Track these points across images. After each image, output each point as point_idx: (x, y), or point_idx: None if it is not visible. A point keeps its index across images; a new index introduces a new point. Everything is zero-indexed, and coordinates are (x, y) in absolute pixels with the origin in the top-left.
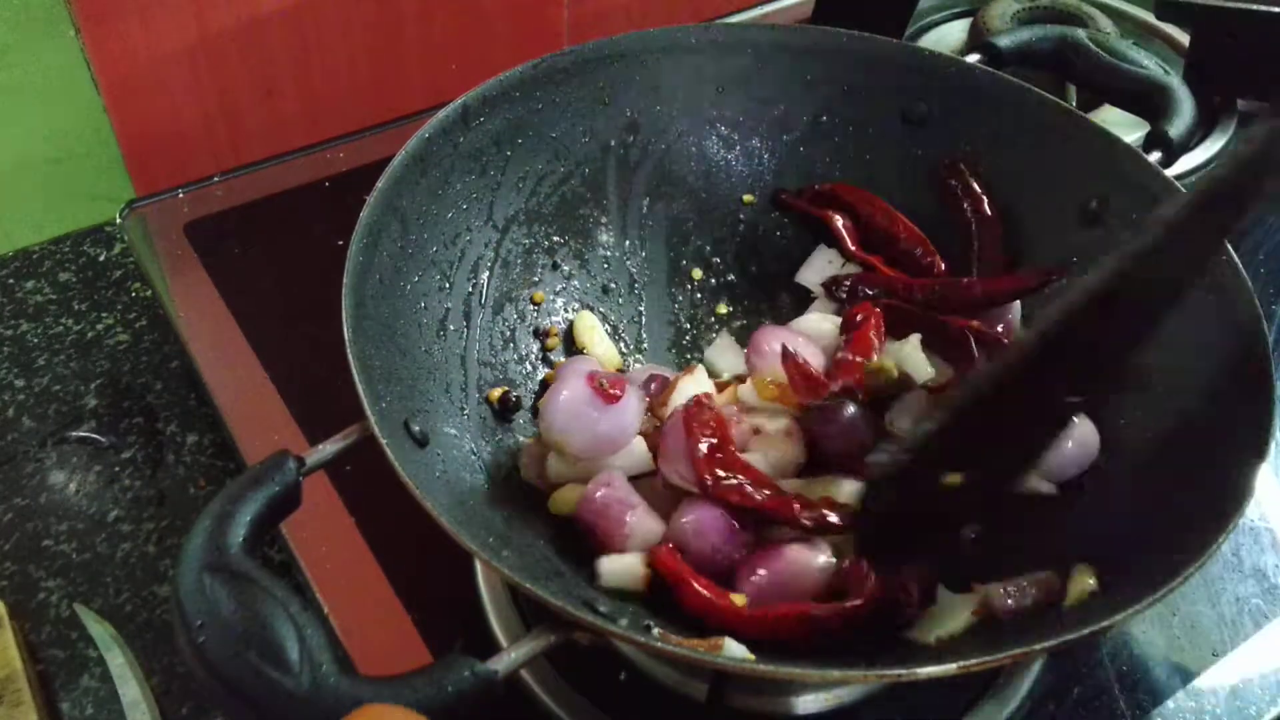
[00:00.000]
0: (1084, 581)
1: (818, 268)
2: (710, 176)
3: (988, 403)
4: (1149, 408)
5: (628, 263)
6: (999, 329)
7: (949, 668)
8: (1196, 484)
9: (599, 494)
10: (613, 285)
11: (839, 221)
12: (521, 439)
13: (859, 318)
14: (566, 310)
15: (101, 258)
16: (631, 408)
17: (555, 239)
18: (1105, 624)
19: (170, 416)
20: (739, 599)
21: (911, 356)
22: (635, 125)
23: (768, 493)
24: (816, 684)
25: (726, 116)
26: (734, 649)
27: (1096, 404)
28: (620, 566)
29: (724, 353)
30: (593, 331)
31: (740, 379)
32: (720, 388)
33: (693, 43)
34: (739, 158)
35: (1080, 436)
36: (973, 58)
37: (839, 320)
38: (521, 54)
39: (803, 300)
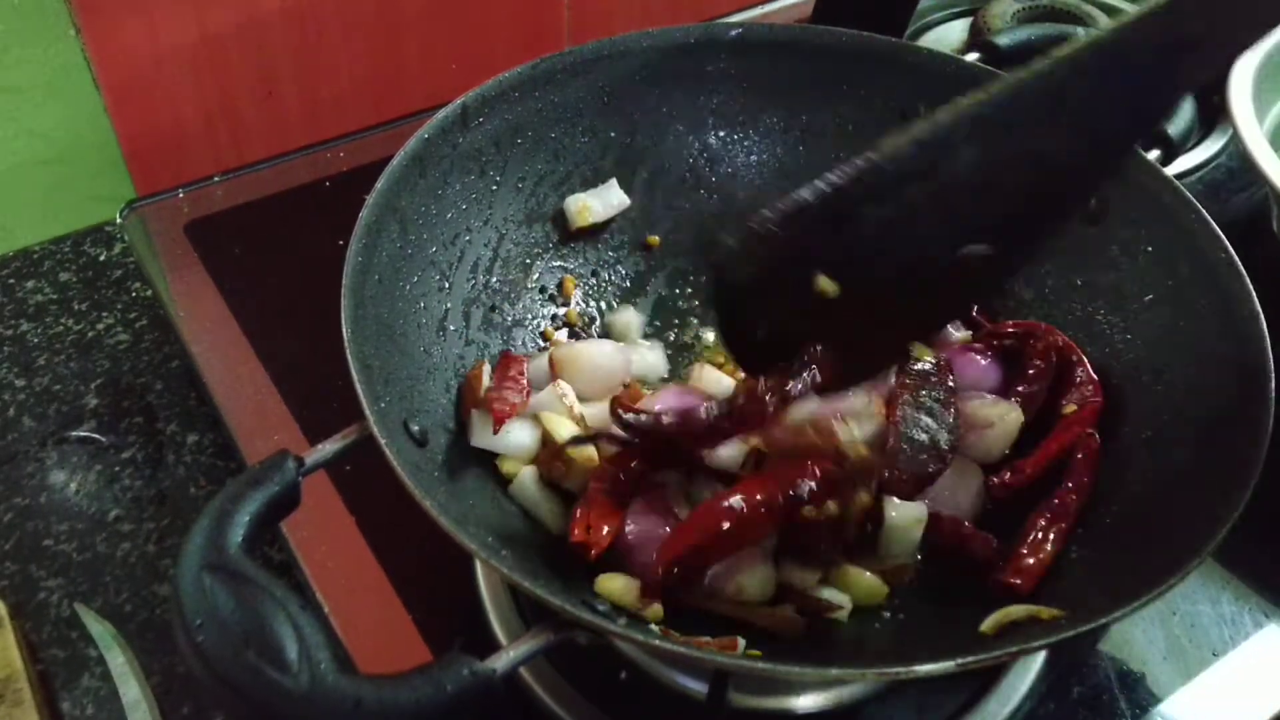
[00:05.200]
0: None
1: None
2: (710, 176)
3: (862, 201)
4: (1148, 407)
5: (625, 264)
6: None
7: (947, 665)
8: (1195, 482)
9: None
10: (612, 283)
11: None
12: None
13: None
14: (567, 308)
15: (102, 257)
16: None
17: (554, 239)
18: (1105, 621)
19: (170, 416)
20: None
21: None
22: (635, 125)
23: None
24: (816, 683)
25: (726, 116)
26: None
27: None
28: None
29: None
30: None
31: None
32: None
33: (692, 43)
34: (739, 157)
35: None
36: (973, 57)
37: None
38: (521, 54)
39: None
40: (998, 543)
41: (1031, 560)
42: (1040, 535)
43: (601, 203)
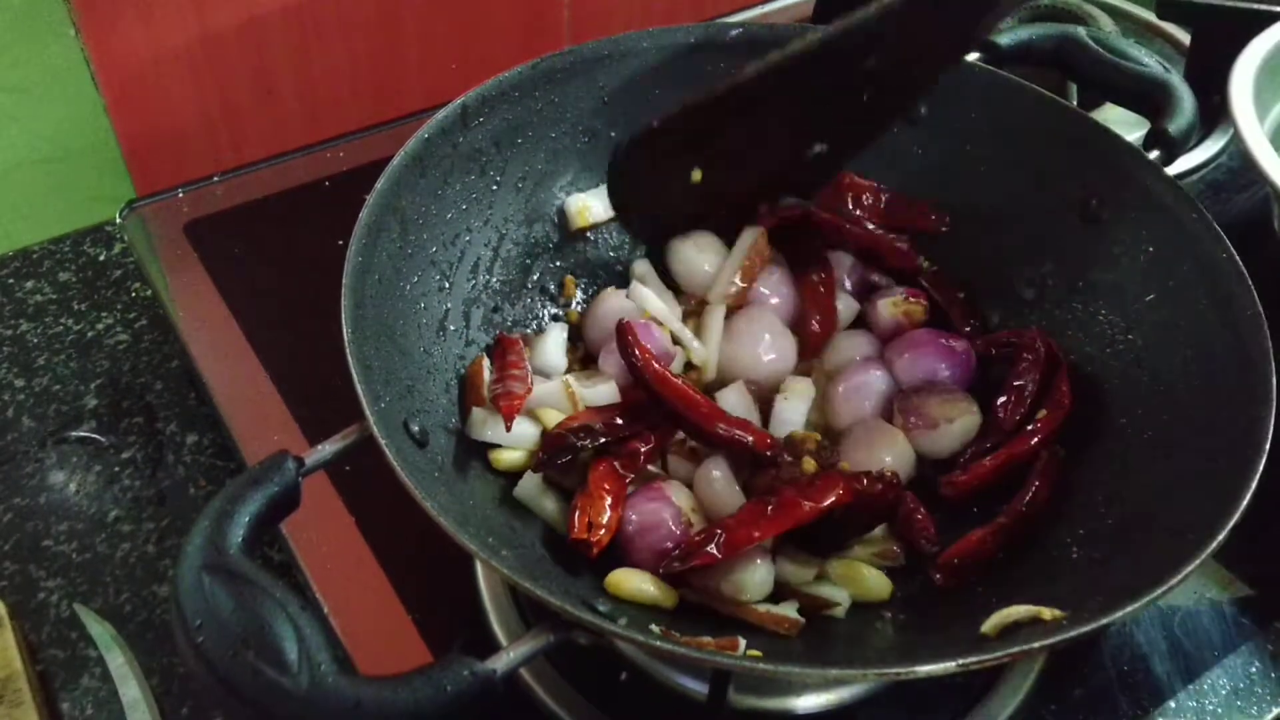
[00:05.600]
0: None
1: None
2: None
3: (729, 109)
4: (1148, 407)
5: (625, 263)
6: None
7: (948, 666)
8: (1195, 482)
9: None
10: (612, 283)
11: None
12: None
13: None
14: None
15: (101, 257)
16: None
17: (555, 239)
18: (1106, 622)
19: (170, 416)
20: None
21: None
22: (635, 125)
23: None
24: (817, 683)
25: None
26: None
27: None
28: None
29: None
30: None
31: None
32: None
33: (692, 42)
34: None
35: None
36: (973, 56)
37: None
38: (521, 54)
39: None
40: (935, 536)
41: (955, 549)
42: (976, 532)
43: (602, 203)
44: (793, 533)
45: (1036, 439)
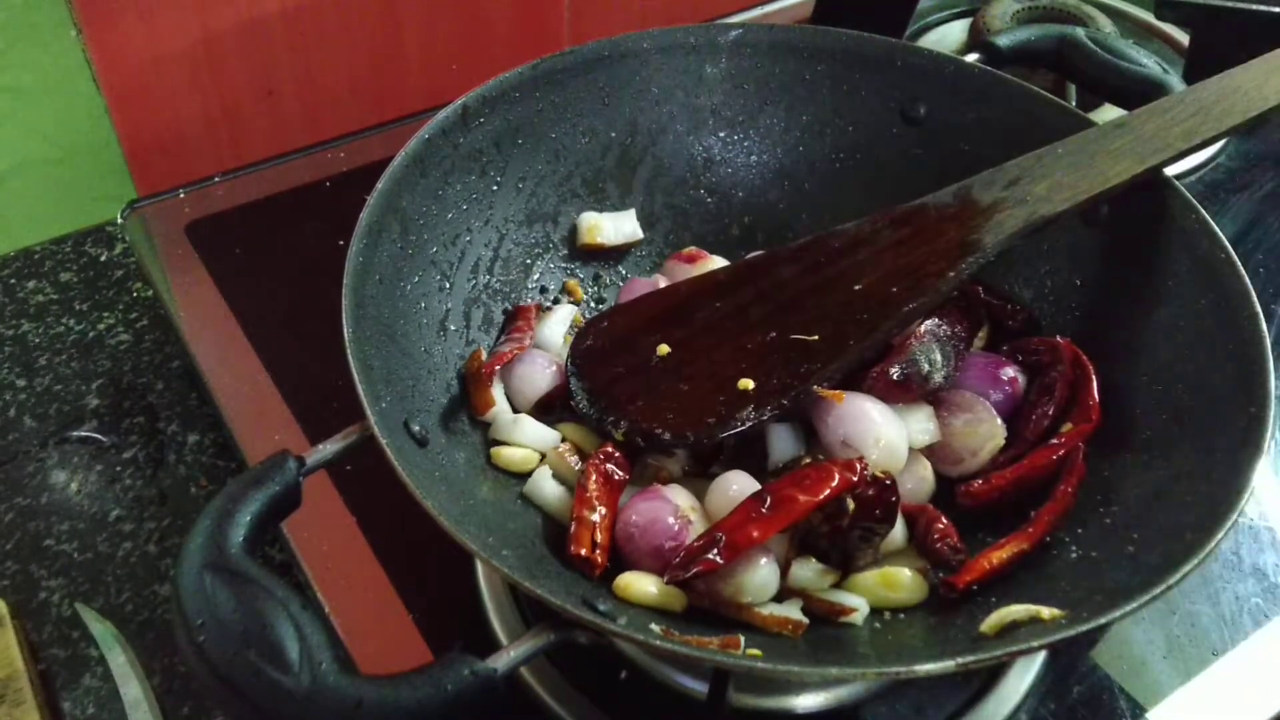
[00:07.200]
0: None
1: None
2: (710, 176)
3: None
4: (1147, 407)
5: (626, 264)
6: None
7: (947, 665)
8: (1195, 482)
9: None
10: (614, 285)
11: None
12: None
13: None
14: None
15: (103, 258)
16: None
17: (555, 240)
18: (1105, 621)
19: (171, 416)
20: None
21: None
22: (635, 125)
23: None
24: (816, 682)
25: (726, 116)
26: None
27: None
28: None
29: None
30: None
31: None
32: None
33: (692, 43)
34: (739, 158)
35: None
36: (972, 57)
37: None
38: (522, 54)
39: None
40: (960, 544)
41: (974, 562)
42: (994, 545)
43: (614, 227)
44: (809, 545)
45: (1060, 452)
